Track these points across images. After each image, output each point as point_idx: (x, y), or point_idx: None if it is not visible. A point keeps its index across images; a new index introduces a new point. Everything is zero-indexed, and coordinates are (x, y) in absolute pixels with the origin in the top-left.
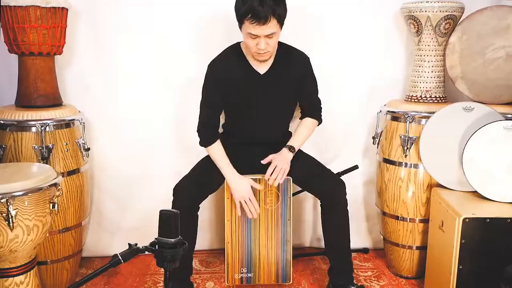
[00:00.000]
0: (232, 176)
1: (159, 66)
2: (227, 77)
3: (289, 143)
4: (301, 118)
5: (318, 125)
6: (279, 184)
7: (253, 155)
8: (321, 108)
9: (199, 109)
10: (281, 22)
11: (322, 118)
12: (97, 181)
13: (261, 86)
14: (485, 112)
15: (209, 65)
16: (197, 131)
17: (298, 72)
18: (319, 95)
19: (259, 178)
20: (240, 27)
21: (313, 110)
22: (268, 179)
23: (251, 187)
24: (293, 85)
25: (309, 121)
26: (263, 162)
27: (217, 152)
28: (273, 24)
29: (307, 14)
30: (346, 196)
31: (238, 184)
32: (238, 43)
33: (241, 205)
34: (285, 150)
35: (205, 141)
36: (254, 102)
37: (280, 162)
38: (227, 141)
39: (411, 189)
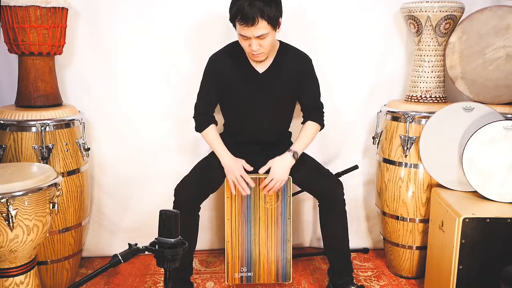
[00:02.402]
0: (226, 158)
1: (159, 66)
2: (225, 73)
3: (293, 148)
4: (303, 122)
5: (320, 129)
6: (268, 191)
7: (253, 154)
8: (323, 112)
9: (196, 97)
10: (272, 23)
11: (324, 122)
12: (97, 181)
13: (259, 85)
14: (485, 112)
15: (209, 59)
16: (193, 117)
17: (297, 73)
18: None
19: (258, 178)
20: (235, 28)
21: (315, 113)
22: (263, 189)
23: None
24: (292, 85)
25: (311, 126)
26: (261, 171)
27: (211, 135)
28: (262, 25)
29: (307, 14)
30: (344, 196)
31: (231, 164)
32: None
33: (235, 184)
34: (288, 155)
35: (200, 126)
36: (252, 101)
37: (277, 174)
38: (227, 140)
39: (411, 189)
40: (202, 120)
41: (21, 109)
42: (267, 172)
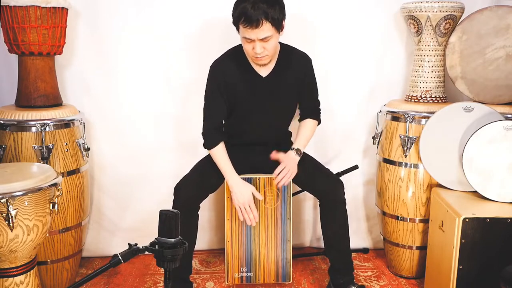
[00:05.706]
0: (234, 180)
1: (159, 66)
2: (228, 80)
3: (295, 146)
4: (300, 120)
5: (317, 124)
6: (278, 182)
7: (254, 154)
8: (320, 109)
9: (203, 112)
10: (276, 26)
11: (321, 119)
12: (97, 181)
13: (263, 89)
14: (485, 112)
15: (211, 67)
16: (202, 134)
17: (299, 74)
18: (319, 95)
19: (259, 178)
20: (238, 32)
21: (313, 111)
22: (275, 178)
23: (253, 195)
24: (295, 87)
25: (310, 123)
26: (272, 157)
27: (220, 155)
28: (266, 27)
29: (307, 14)
30: (345, 196)
31: (240, 190)
32: (240, 45)
33: (241, 210)
34: (292, 153)
35: (209, 144)
36: (256, 105)
37: (289, 164)
38: (229, 141)
39: (411, 189)
40: (210, 136)
41: (21, 109)
42: (275, 165)
